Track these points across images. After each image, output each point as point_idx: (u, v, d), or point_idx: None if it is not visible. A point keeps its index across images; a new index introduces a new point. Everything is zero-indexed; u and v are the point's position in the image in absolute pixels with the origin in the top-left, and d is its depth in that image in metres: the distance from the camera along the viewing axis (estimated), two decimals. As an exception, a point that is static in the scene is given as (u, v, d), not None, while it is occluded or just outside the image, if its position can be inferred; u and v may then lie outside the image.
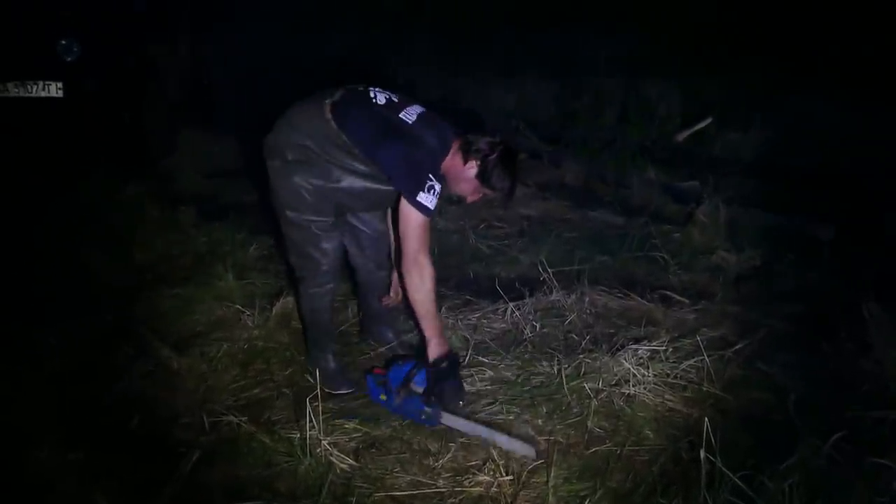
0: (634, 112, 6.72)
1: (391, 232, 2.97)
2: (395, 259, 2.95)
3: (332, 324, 3.00)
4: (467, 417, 2.62)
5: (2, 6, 4.87)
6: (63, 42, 4.81)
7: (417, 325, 2.75)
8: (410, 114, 2.60)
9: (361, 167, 2.55)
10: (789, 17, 8.68)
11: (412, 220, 2.51)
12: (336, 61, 8.40)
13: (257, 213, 4.42)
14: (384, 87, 2.70)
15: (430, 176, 2.49)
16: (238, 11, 8.99)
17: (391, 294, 3.11)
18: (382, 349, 3.16)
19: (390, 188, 2.60)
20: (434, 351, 2.63)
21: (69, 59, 4.83)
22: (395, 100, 2.65)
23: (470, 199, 2.76)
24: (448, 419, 2.59)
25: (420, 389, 2.61)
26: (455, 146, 2.62)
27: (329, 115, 2.52)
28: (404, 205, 2.51)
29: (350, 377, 2.90)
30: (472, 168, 2.59)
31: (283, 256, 2.84)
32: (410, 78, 8.05)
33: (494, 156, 2.58)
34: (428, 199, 2.48)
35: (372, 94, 2.63)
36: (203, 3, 7.18)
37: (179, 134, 5.97)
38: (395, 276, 3.06)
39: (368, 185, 2.59)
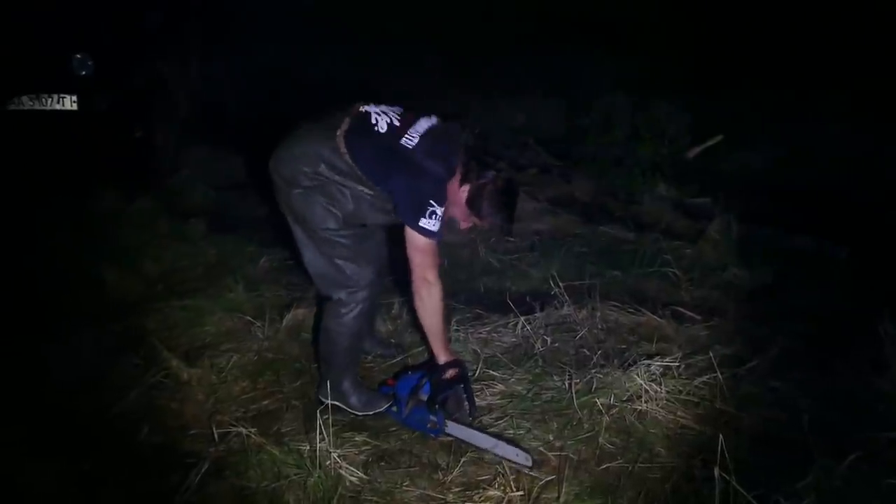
0: (645, 129, 6.72)
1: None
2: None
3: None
4: (473, 428, 2.61)
5: (17, 21, 4.92)
6: (77, 57, 4.85)
7: (425, 339, 2.73)
8: (412, 137, 2.52)
9: (370, 192, 2.54)
10: (800, 38, 8.71)
11: (417, 244, 2.51)
12: (345, 78, 8.46)
13: (267, 226, 4.43)
14: (385, 104, 2.66)
15: (432, 202, 2.47)
16: (248, 30, 9.07)
17: None
18: (396, 359, 3.15)
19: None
20: (441, 362, 2.63)
21: (83, 73, 4.87)
22: (397, 122, 2.56)
23: (462, 225, 2.71)
24: (453, 429, 2.57)
25: (426, 398, 2.61)
26: (459, 169, 2.58)
27: (344, 149, 2.49)
28: (408, 229, 2.51)
29: (375, 390, 2.86)
30: (464, 192, 2.57)
31: (316, 286, 2.78)
32: (420, 95, 8.09)
33: (490, 186, 2.55)
34: (430, 223, 2.46)
35: (374, 120, 2.55)
36: (213, 22, 7.25)
37: (189, 149, 6.01)
38: None
39: (375, 202, 2.57)
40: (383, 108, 2.61)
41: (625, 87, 7.44)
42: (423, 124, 2.58)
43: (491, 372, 3.00)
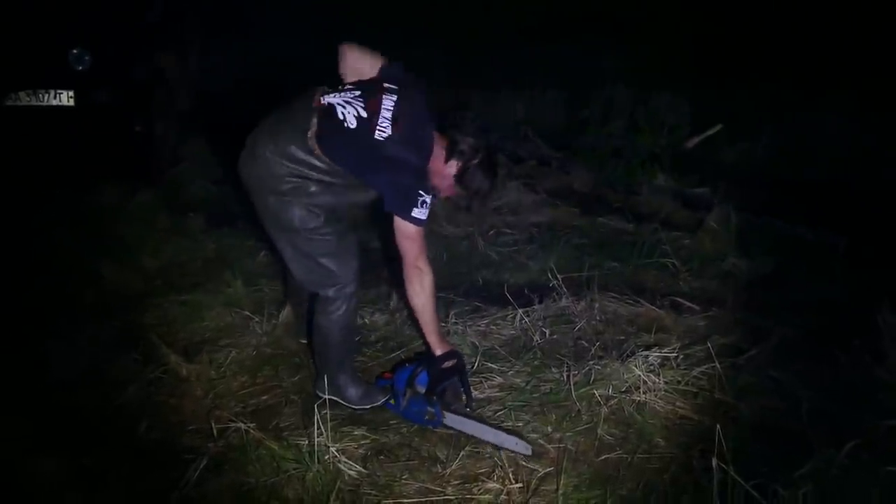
0: (644, 120, 6.71)
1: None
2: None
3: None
4: (471, 418, 2.61)
5: (13, 15, 4.91)
6: (74, 51, 4.83)
7: (420, 329, 2.73)
8: (384, 128, 2.47)
9: (350, 180, 2.52)
10: (801, 30, 8.68)
11: (408, 232, 2.50)
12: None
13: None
14: (345, 90, 2.58)
15: (420, 192, 2.47)
16: (247, 21, 9.04)
17: None
18: (395, 353, 3.14)
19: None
20: (437, 352, 2.63)
21: (80, 68, 4.86)
22: (364, 114, 2.48)
23: (443, 194, 2.74)
24: (451, 419, 2.58)
25: (423, 389, 2.61)
26: (439, 143, 2.59)
27: (318, 151, 2.45)
28: (398, 219, 2.50)
29: (372, 385, 2.86)
30: (451, 168, 2.60)
31: (304, 286, 2.80)
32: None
33: (476, 160, 2.59)
34: (421, 212, 2.47)
35: (340, 115, 2.47)
36: (213, 14, 7.23)
37: (189, 142, 6.00)
38: None
39: (358, 192, 2.58)
40: (345, 96, 2.53)
41: (626, 78, 7.43)
42: (388, 104, 2.51)
43: (489, 364, 3.00)
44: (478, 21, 10.37)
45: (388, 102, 2.52)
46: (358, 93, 2.55)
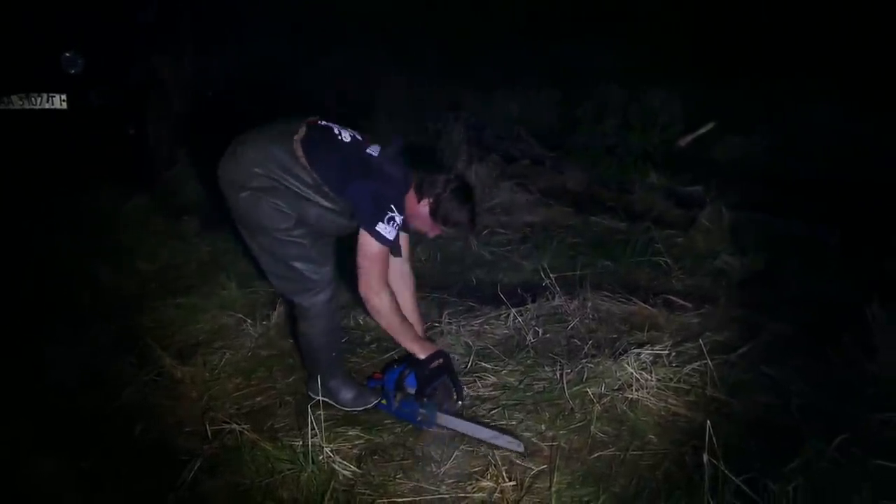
0: (636, 119, 6.73)
1: None
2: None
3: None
4: (463, 418, 2.63)
5: (6, 19, 4.91)
6: (67, 55, 4.84)
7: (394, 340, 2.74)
8: (374, 150, 2.60)
9: (327, 203, 2.53)
10: (793, 26, 8.71)
11: (371, 249, 2.49)
12: (340, 70, 8.45)
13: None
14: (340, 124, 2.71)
15: (392, 207, 2.49)
16: (243, 23, 9.03)
17: None
18: (387, 355, 3.16)
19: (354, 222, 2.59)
20: (420, 356, 2.63)
21: (73, 71, 4.86)
22: (360, 137, 2.64)
23: (431, 234, 2.76)
24: (443, 419, 2.59)
25: (412, 390, 2.62)
26: (412, 185, 2.63)
27: (300, 153, 2.49)
28: (363, 234, 2.50)
29: (365, 386, 2.87)
30: (425, 206, 2.62)
31: (279, 293, 2.81)
32: (416, 87, 8.09)
33: (447, 193, 2.60)
34: (387, 229, 2.47)
35: (336, 131, 2.61)
36: (207, 15, 7.23)
37: (184, 144, 6.00)
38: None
39: (334, 217, 2.57)
40: (342, 126, 2.66)
41: (621, 76, 7.45)
42: (378, 146, 2.63)
43: (483, 364, 3.01)
44: (472, 20, 10.38)
45: (376, 145, 2.64)
46: (352, 129, 2.68)
